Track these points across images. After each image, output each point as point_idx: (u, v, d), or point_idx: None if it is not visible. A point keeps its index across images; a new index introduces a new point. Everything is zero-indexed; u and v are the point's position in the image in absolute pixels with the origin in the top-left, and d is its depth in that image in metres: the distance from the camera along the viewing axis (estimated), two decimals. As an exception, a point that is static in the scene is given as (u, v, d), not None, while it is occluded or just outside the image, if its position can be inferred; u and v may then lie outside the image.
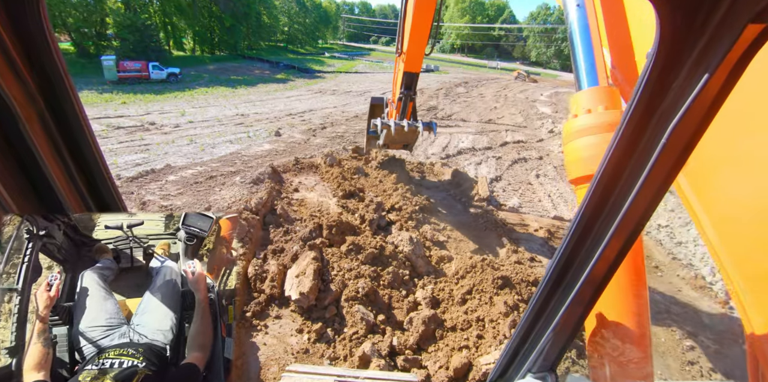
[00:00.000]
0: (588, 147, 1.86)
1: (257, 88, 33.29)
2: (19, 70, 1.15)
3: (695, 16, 0.95)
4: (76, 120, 1.31)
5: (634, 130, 1.17)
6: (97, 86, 29.37)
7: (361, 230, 6.83)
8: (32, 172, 1.28)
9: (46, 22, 1.14)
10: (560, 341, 1.65)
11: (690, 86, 1.02)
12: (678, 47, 1.01)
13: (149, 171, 9.93)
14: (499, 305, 5.11)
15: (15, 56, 1.13)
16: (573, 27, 2.16)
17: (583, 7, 2.12)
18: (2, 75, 1.10)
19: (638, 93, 1.11)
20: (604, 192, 1.31)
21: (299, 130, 16.45)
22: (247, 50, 60.77)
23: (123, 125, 16.13)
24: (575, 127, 1.94)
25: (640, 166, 1.19)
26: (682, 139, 1.10)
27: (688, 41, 0.98)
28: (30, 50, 1.16)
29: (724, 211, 1.64)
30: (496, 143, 16.40)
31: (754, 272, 1.43)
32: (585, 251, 1.44)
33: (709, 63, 0.97)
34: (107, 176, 1.48)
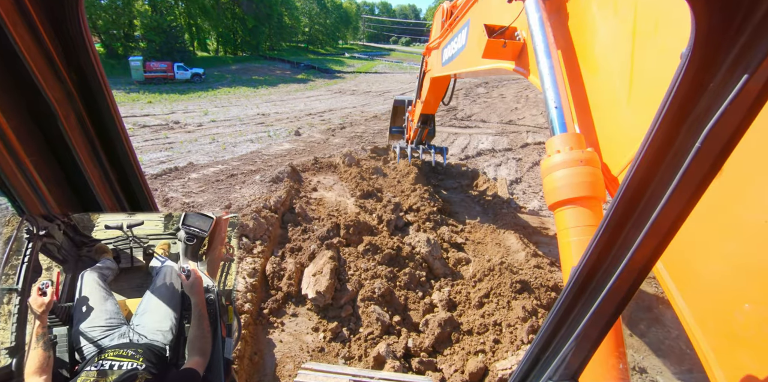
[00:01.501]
0: (559, 179, 2.32)
1: (278, 88, 33.76)
2: (59, 70, 1.18)
3: (734, 13, 0.90)
4: (111, 120, 1.34)
5: (666, 134, 1.12)
6: (124, 86, 30.33)
7: (378, 231, 6.83)
8: (70, 170, 1.32)
9: (84, 24, 1.18)
10: (583, 350, 1.60)
11: (727, 87, 0.97)
12: (714, 46, 0.96)
13: (173, 169, 10.18)
14: (517, 309, 5.02)
15: (55, 57, 1.16)
16: (544, 75, 2.70)
17: (553, 75, 2.67)
18: (43, 75, 1.13)
19: (671, 95, 1.06)
20: (633, 198, 1.26)
21: (319, 129, 16.59)
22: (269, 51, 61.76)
23: (149, 124, 16.60)
24: (549, 164, 2.41)
25: (672, 172, 1.13)
26: (719, 144, 1.04)
27: (725, 40, 0.94)
28: (68, 51, 1.19)
29: (686, 270, 1.73)
30: (517, 145, 16.15)
31: (716, 331, 1.56)
32: (611, 258, 1.39)
33: (748, 63, 0.92)
34: (140, 175, 1.51)
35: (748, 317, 1.45)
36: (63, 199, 1.34)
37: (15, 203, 1.26)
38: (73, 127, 1.26)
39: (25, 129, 1.17)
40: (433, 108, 8.33)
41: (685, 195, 1.14)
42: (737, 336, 1.50)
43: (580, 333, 1.52)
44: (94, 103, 1.29)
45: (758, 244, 1.47)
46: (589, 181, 2.23)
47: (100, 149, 1.36)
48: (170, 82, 33.66)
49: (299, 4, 72.14)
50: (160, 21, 41.38)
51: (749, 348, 1.47)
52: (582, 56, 2.83)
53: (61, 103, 1.20)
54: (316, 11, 76.76)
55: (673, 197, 1.14)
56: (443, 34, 6.22)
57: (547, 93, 2.64)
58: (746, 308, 1.44)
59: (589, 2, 2.78)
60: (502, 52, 3.67)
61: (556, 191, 2.30)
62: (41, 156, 1.23)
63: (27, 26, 1.08)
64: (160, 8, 45.83)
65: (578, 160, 2.26)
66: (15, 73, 1.09)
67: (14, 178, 1.18)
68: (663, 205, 1.16)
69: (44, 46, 1.12)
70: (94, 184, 1.37)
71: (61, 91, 1.20)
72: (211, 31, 55.85)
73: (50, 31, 1.14)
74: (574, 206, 2.22)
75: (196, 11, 50.38)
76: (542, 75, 2.75)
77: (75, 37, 1.18)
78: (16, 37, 1.04)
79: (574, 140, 2.39)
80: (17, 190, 1.21)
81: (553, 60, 2.75)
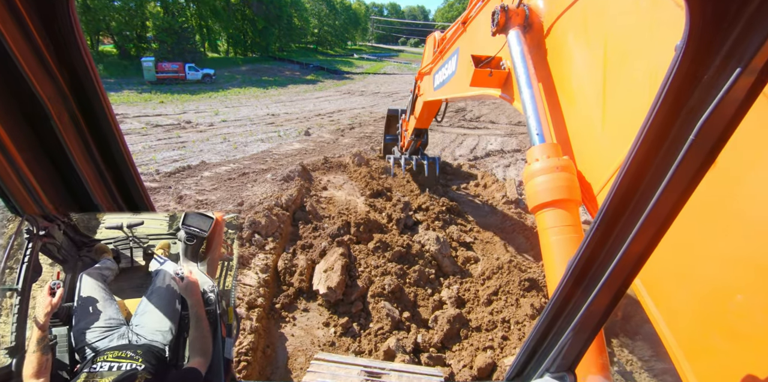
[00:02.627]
0: (539, 184, 2.50)
1: (287, 88, 34.02)
2: (50, 68, 1.16)
3: (728, 5, 0.90)
4: (105, 118, 1.32)
5: (661, 126, 1.12)
6: (137, 86, 30.78)
7: (388, 229, 6.91)
8: (64, 170, 1.30)
9: (75, 21, 1.15)
10: (580, 341, 1.60)
11: (721, 80, 0.97)
12: (708, 39, 0.96)
13: (185, 167, 10.37)
14: (525, 307, 5.07)
15: (46, 55, 1.14)
16: (526, 104, 2.87)
17: (534, 104, 2.85)
18: (34, 73, 1.11)
19: (665, 88, 1.05)
20: (628, 190, 1.27)
21: (328, 130, 16.73)
22: (278, 52, 62.21)
23: (161, 123, 16.87)
24: (529, 172, 2.60)
25: (667, 164, 1.13)
26: (713, 136, 1.04)
27: (719, 32, 0.94)
28: (60, 49, 1.17)
29: (665, 288, 1.82)
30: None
31: (691, 345, 1.64)
32: (607, 250, 1.39)
33: (742, 55, 0.92)
34: (135, 175, 1.49)
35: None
36: (58, 198, 1.34)
37: (9, 203, 1.24)
38: (66, 126, 1.24)
39: (18, 128, 1.15)
40: (426, 124, 8.66)
41: (679, 187, 1.15)
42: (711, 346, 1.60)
43: (576, 325, 1.53)
44: (88, 102, 1.27)
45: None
46: (565, 186, 2.43)
47: (95, 148, 1.35)
48: (181, 82, 34.08)
49: (309, 6, 72.58)
50: (171, 22, 41.92)
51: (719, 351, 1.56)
52: (560, 87, 3.01)
53: (53, 102, 1.18)
54: (325, 12, 77.17)
55: (667, 189, 1.15)
56: (434, 61, 6.45)
57: (529, 121, 2.83)
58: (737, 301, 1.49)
59: (565, 35, 2.93)
60: (489, 80, 3.85)
61: (536, 196, 2.51)
62: (35, 156, 1.21)
63: (17, 24, 1.05)
64: (171, 10, 46.43)
65: (555, 167, 2.48)
66: (6, 72, 1.07)
67: (8, 179, 1.16)
68: (658, 197, 1.16)
69: (35, 44, 1.10)
70: (89, 183, 1.36)
71: (54, 90, 1.18)
72: (221, 33, 56.44)
73: (41, 29, 1.11)
74: (553, 208, 2.42)
75: (207, 13, 50.94)
76: (524, 103, 2.93)
77: (66, 35, 1.15)
78: (6, 36, 1.01)
79: (551, 149, 2.60)
80: (11, 190, 1.19)
81: (534, 90, 2.93)
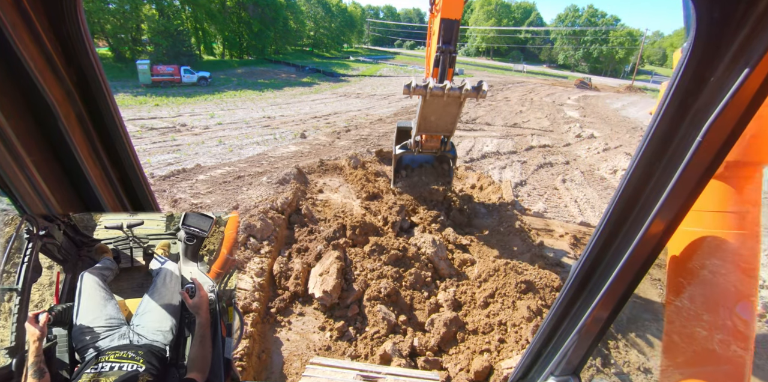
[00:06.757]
0: None
1: (283, 91, 33.97)
2: (58, 70, 1.18)
3: (735, 6, 0.89)
4: (112, 120, 1.34)
5: (667, 128, 1.11)
6: (132, 89, 30.63)
7: (384, 232, 6.89)
8: (71, 170, 1.32)
9: (83, 24, 1.17)
10: (584, 344, 1.60)
11: (728, 81, 0.96)
12: (715, 40, 0.95)
13: (180, 170, 10.31)
14: (522, 309, 5.05)
15: (54, 57, 1.16)
16: None
17: None
18: (43, 75, 1.13)
19: (672, 89, 1.05)
20: (634, 193, 1.25)
21: (324, 132, 16.70)
22: (274, 54, 62.14)
23: (156, 126, 16.78)
24: None
25: (673, 166, 1.12)
26: (720, 138, 1.03)
27: (726, 33, 0.93)
28: (68, 51, 1.19)
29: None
30: (522, 147, 16.18)
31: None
32: (612, 253, 1.38)
33: (749, 57, 0.91)
34: (141, 176, 1.51)
35: None
36: (65, 198, 1.35)
37: (17, 203, 1.26)
38: (73, 127, 1.25)
39: (26, 129, 1.17)
40: (458, 10, 6.09)
41: (686, 189, 1.13)
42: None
43: (581, 328, 1.51)
44: (95, 103, 1.29)
45: None
46: None
47: (101, 149, 1.37)
48: (177, 85, 33.90)
49: (304, 8, 72.62)
50: (167, 25, 41.78)
51: None
52: None
53: (61, 102, 1.20)
54: (321, 15, 77.21)
55: (674, 191, 1.13)
56: None
57: None
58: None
59: None
60: None
61: None
62: (42, 156, 1.23)
63: (26, 26, 1.07)
64: (167, 12, 46.28)
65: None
66: (15, 73, 1.09)
67: (15, 179, 1.18)
68: (664, 199, 1.15)
69: (44, 46, 1.12)
70: (96, 183, 1.37)
71: (61, 91, 1.20)
72: (217, 35, 56.28)
73: (49, 32, 1.13)
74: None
75: (202, 15, 50.80)
76: None
77: (74, 37, 1.17)
78: (15, 38, 1.03)
79: None
80: (19, 190, 1.21)
81: None
